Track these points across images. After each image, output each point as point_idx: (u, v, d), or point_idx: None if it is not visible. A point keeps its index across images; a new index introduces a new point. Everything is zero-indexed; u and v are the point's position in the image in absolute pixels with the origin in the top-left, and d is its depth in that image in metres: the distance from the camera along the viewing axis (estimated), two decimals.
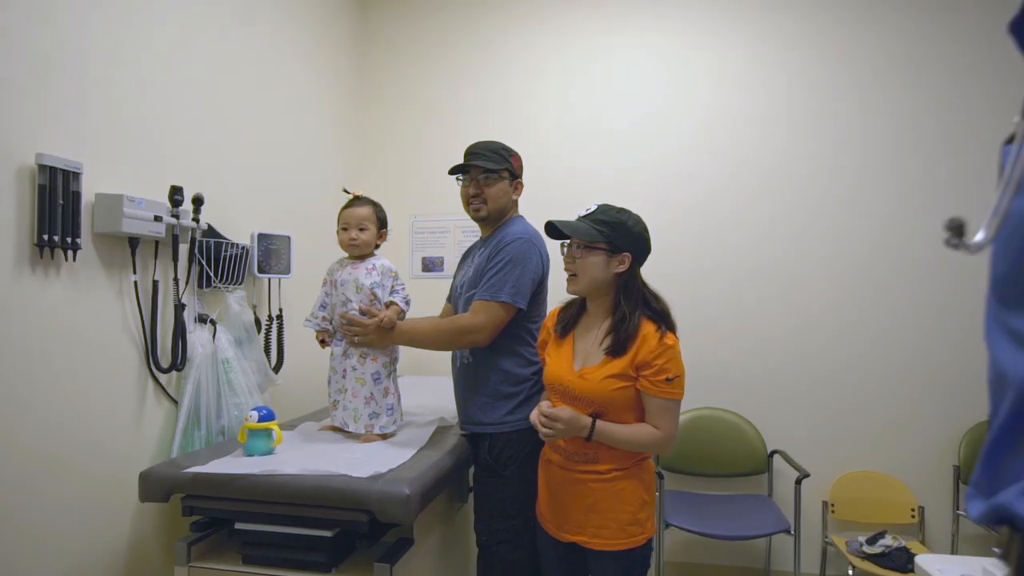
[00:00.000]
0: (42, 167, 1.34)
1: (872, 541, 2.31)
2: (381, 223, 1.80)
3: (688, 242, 2.71)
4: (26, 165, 1.33)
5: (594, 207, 1.53)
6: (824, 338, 2.60)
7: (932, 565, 1.33)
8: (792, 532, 2.22)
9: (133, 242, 1.59)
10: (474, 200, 1.78)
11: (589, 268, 1.49)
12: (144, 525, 1.64)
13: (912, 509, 2.47)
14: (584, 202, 2.73)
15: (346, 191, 1.81)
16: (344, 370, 1.75)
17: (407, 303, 1.81)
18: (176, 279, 1.73)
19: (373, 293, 1.74)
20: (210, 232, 1.85)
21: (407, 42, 2.99)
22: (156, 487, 1.43)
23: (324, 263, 1.85)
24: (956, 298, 2.48)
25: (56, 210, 1.37)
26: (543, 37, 2.85)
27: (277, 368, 2.16)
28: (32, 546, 1.34)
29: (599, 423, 1.45)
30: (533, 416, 1.49)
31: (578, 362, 1.53)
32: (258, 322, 2.11)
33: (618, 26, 2.79)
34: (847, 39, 2.60)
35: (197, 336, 1.80)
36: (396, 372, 1.82)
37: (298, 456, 1.51)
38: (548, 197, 2.75)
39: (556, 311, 1.66)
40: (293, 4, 2.42)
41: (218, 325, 1.87)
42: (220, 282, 1.87)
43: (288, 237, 2.17)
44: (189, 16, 1.83)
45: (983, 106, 2.47)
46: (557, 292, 1.77)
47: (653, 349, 1.44)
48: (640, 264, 1.54)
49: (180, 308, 1.73)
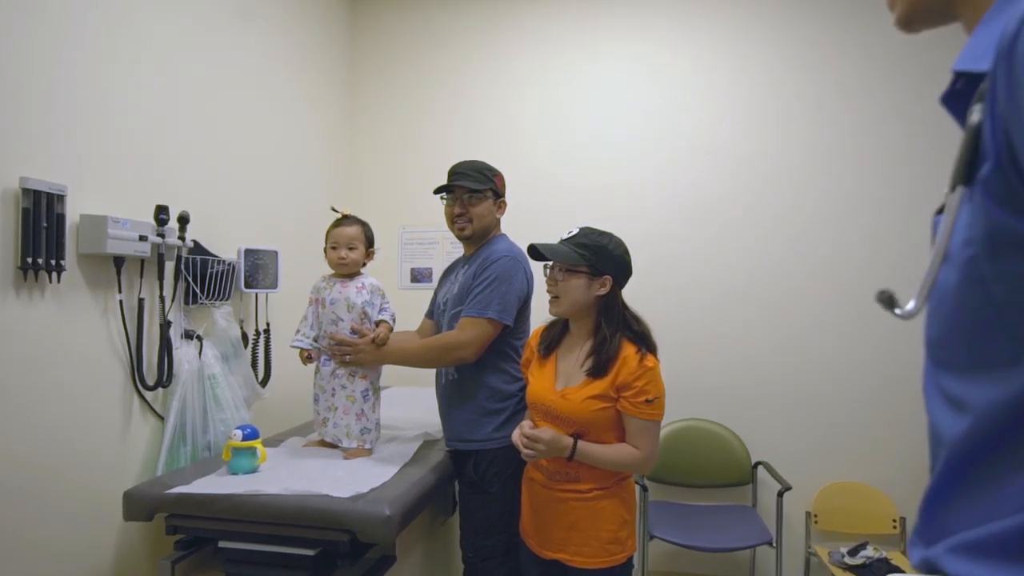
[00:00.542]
0: (26, 191, 1.35)
1: (854, 552, 2.34)
2: (369, 241, 1.83)
3: (676, 256, 2.73)
4: (10, 189, 1.34)
5: (576, 230, 1.55)
6: (809, 351, 2.63)
7: None
8: (774, 544, 2.24)
9: (118, 262, 1.60)
10: (459, 219, 1.81)
11: (571, 291, 1.52)
12: (129, 542, 1.65)
13: (894, 520, 2.50)
14: (571, 213, 2.78)
15: (334, 210, 1.82)
16: (333, 388, 1.77)
17: (394, 320, 1.83)
18: (162, 297, 1.74)
19: (364, 311, 1.76)
20: (197, 249, 1.86)
21: (396, 55, 3.00)
22: (140, 506, 1.44)
23: (311, 276, 1.86)
24: None
25: (40, 233, 1.38)
26: (532, 49, 2.87)
27: (264, 382, 2.17)
28: (17, 564, 1.35)
29: (580, 444, 1.47)
30: (515, 436, 1.51)
31: (560, 382, 1.56)
32: (245, 337, 2.12)
33: (606, 38, 2.81)
34: (840, 53, 2.63)
35: (183, 352, 1.81)
36: (379, 388, 1.85)
37: (281, 475, 1.52)
38: (535, 205, 2.79)
39: (540, 330, 1.68)
40: (281, 16, 2.43)
41: (204, 341, 1.88)
42: (206, 298, 1.88)
43: (275, 252, 2.19)
44: (174, 34, 1.84)
45: None
46: (540, 310, 1.80)
47: (633, 371, 1.46)
48: (621, 287, 1.56)
49: (166, 326, 1.74)
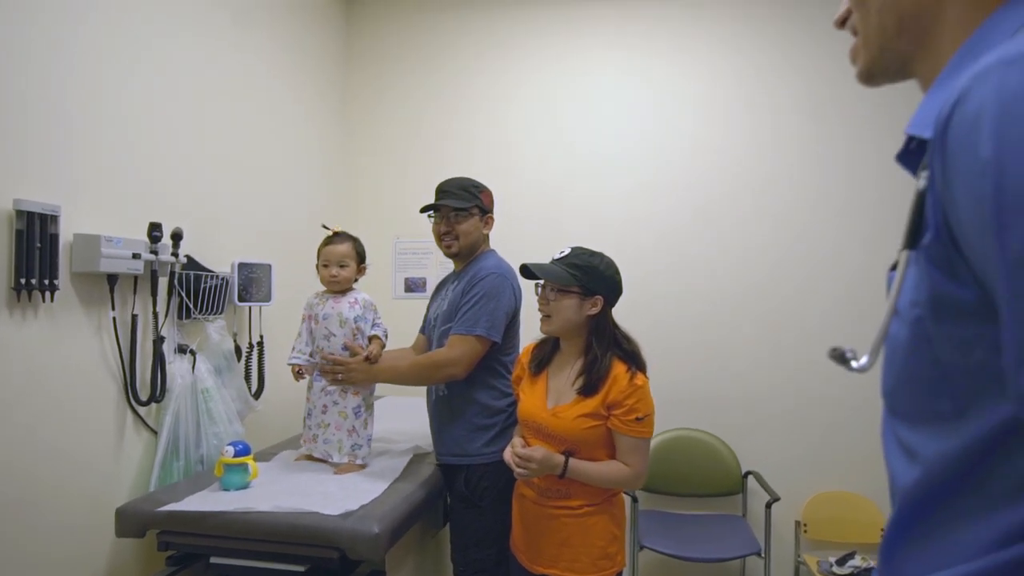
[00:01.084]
0: (19, 212, 1.37)
1: (842, 562, 2.36)
2: (361, 257, 1.85)
3: (667, 267, 2.75)
4: (3, 211, 1.35)
5: (568, 250, 1.58)
6: (800, 361, 2.65)
7: None
8: (762, 555, 2.27)
9: (112, 279, 1.61)
10: (445, 237, 1.83)
11: (563, 310, 1.54)
12: (121, 558, 1.67)
13: (882, 529, 2.52)
14: (564, 223, 2.81)
15: (325, 227, 1.84)
16: (325, 405, 1.79)
17: (386, 336, 1.86)
18: (155, 312, 1.76)
19: (357, 326, 1.78)
20: (190, 264, 1.88)
21: (391, 66, 3.02)
22: (132, 523, 1.46)
23: (305, 288, 1.88)
24: None
25: (33, 253, 1.39)
26: (525, 60, 2.89)
27: (258, 394, 2.19)
28: None
29: (572, 461, 1.50)
30: (507, 456, 1.54)
31: (551, 400, 1.58)
32: (239, 349, 2.14)
33: (600, 47, 2.83)
34: (831, 70, 2.66)
35: (177, 367, 1.83)
36: (374, 405, 1.87)
37: (273, 491, 1.54)
38: (529, 215, 2.81)
39: (531, 347, 1.71)
40: (275, 26, 2.45)
41: (198, 355, 1.90)
42: (200, 313, 1.90)
43: (269, 265, 2.20)
44: (167, 51, 1.85)
45: None
46: (530, 326, 1.82)
47: (624, 389, 1.49)
48: (611, 306, 1.58)
49: (159, 341, 1.76)
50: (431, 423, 1.90)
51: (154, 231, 1.71)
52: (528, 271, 1.58)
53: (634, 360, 1.56)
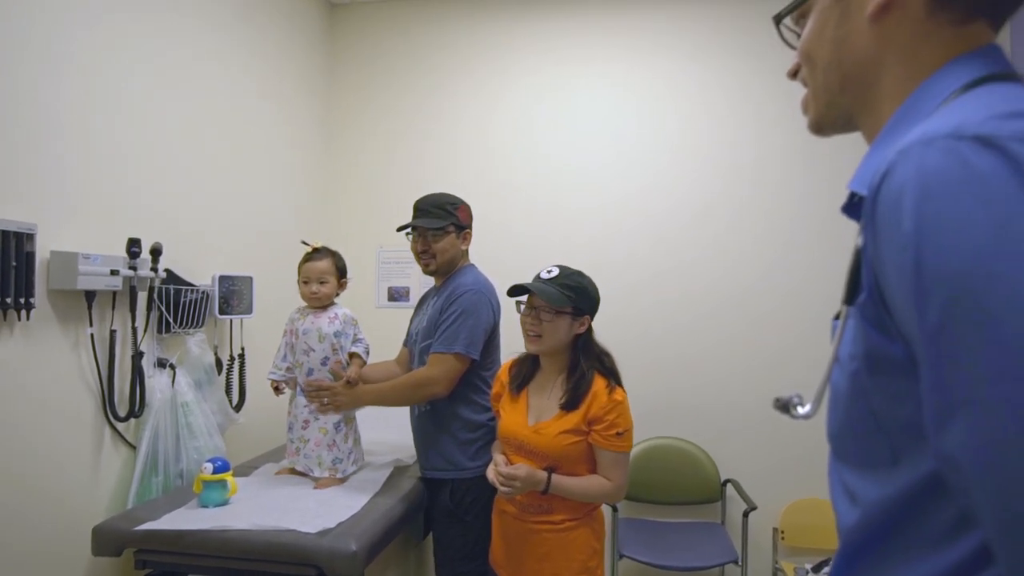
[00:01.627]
0: None
1: (818, 568, 2.40)
2: (341, 273, 1.86)
3: (649, 277, 2.78)
4: None
5: (556, 271, 1.60)
6: (779, 369, 2.69)
7: None
8: (739, 563, 2.30)
9: (89, 296, 1.61)
10: (423, 256, 1.86)
11: (556, 331, 1.57)
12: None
13: None
14: (546, 234, 2.83)
15: (305, 243, 1.85)
16: (306, 420, 1.80)
17: (367, 352, 1.87)
18: (134, 328, 1.76)
19: (336, 342, 1.79)
20: (170, 278, 1.88)
21: (374, 75, 3.02)
22: (109, 542, 1.46)
23: (287, 300, 1.88)
24: None
25: (9, 272, 1.39)
26: (508, 69, 2.91)
27: (239, 407, 2.19)
28: None
29: (554, 477, 1.53)
30: (490, 474, 1.56)
31: (532, 417, 1.61)
32: (219, 362, 2.13)
33: (582, 58, 2.86)
34: None
35: (156, 381, 1.82)
36: (355, 417, 1.88)
37: (251, 508, 1.55)
38: (511, 224, 2.83)
39: (509, 365, 1.73)
40: (256, 37, 2.44)
41: (178, 369, 1.90)
42: (180, 327, 1.90)
43: (250, 278, 2.20)
44: (146, 63, 1.84)
45: None
46: (509, 340, 1.84)
47: (604, 405, 1.53)
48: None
49: (138, 356, 1.76)
50: (415, 438, 1.92)
51: (133, 247, 1.70)
52: (522, 289, 1.59)
53: (613, 375, 1.60)
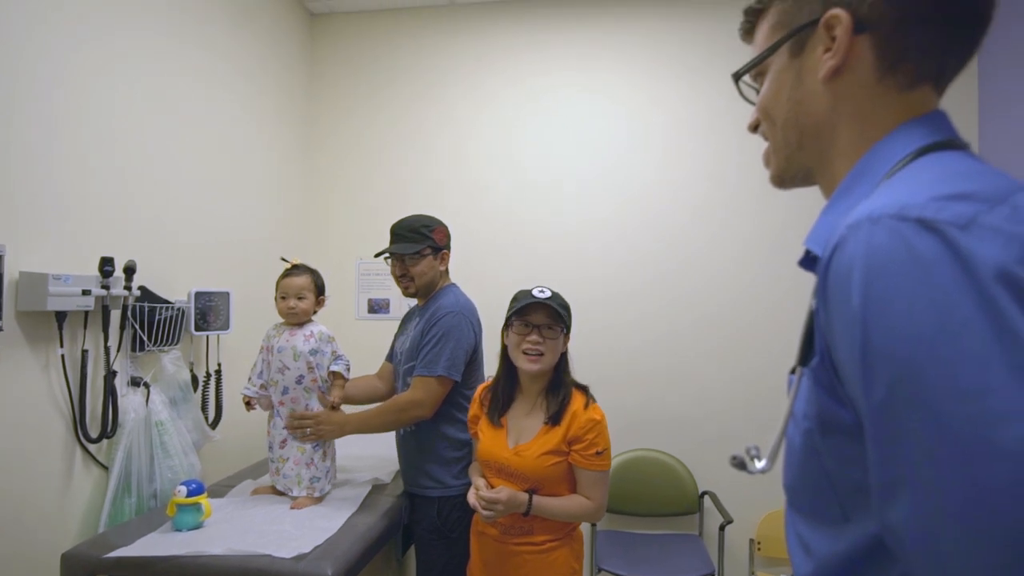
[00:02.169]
0: None
1: None
2: (319, 290, 1.85)
3: (627, 290, 2.81)
4: None
5: (549, 292, 1.61)
6: (757, 382, 2.72)
7: None
8: (717, 575, 2.33)
9: (60, 316, 1.58)
10: (402, 279, 1.89)
11: (556, 349, 1.60)
12: None
13: None
14: (526, 247, 2.84)
15: (284, 259, 1.84)
16: (284, 440, 1.79)
17: (348, 370, 1.86)
18: (107, 347, 1.73)
19: (311, 360, 1.78)
20: (145, 295, 1.85)
21: (353, 88, 3.01)
22: (79, 569, 1.43)
23: (267, 314, 1.87)
24: None
25: None
26: (486, 82, 2.92)
27: (215, 423, 2.17)
28: None
29: (536, 498, 1.54)
30: (471, 499, 1.56)
31: (512, 439, 1.62)
32: (195, 379, 2.11)
33: (558, 72, 2.87)
34: None
35: (130, 401, 1.80)
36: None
37: (226, 531, 1.53)
38: (491, 238, 2.84)
39: (484, 387, 1.73)
40: (233, 47, 2.42)
41: (152, 387, 1.87)
42: (154, 344, 1.87)
43: (227, 293, 2.18)
44: (117, 76, 1.81)
45: None
46: (492, 358, 1.84)
47: (583, 425, 1.55)
48: None
49: (111, 375, 1.73)
50: (400, 456, 1.95)
51: (106, 265, 1.68)
52: (531, 308, 1.58)
53: (586, 391, 1.63)
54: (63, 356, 1.61)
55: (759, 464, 0.57)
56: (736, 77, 0.68)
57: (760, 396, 2.72)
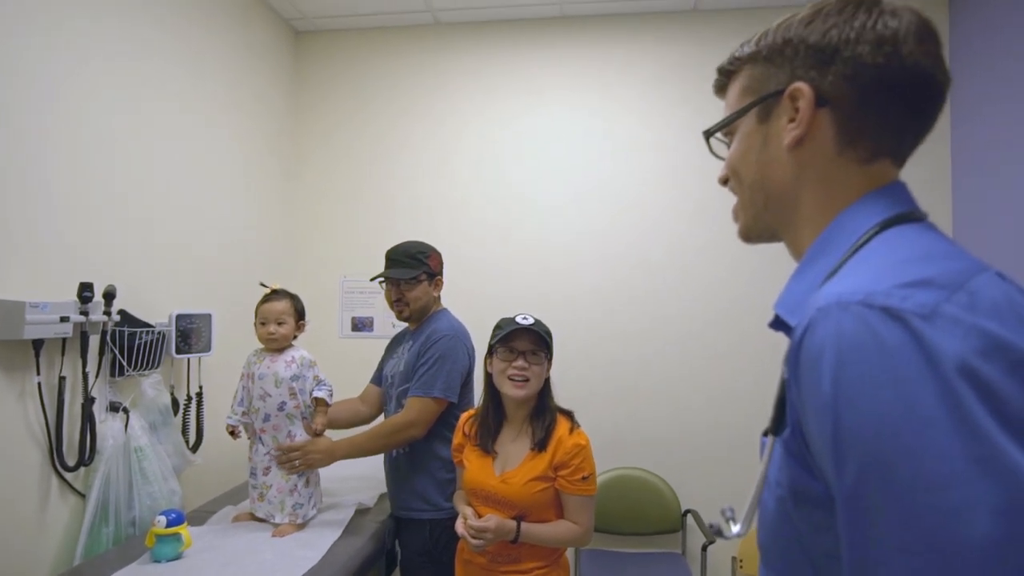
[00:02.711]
0: None
1: None
2: (299, 314, 1.84)
3: (610, 309, 2.83)
4: None
5: (531, 319, 1.63)
6: (740, 400, 2.75)
7: None
8: None
9: (37, 344, 1.56)
10: (397, 303, 1.92)
11: (541, 374, 1.63)
12: None
13: None
14: (511, 264, 2.85)
15: (263, 284, 1.83)
16: (268, 467, 1.78)
17: (331, 395, 1.85)
18: (85, 373, 1.71)
19: (293, 386, 1.77)
20: (125, 319, 1.83)
21: (338, 106, 3.01)
22: None
23: (250, 335, 1.85)
24: None
25: None
26: (470, 100, 2.93)
27: (196, 447, 2.14)
28: None
29: (524, 525, 1.54)
30: (459, 528, 1.56)
31: (498, 467, 1.62)
32: (176, 403, 2.09)
33: (545, 90, 2.90)
34: None
35: (108, 427, 1.77)
36: None
37: (205, 562, 1.52)
38: (477, 255, 2.84)
39: (468, 416, 1.73)
40: (216, 69, 2.41)
41: (132, 412, 1.85)
42: (134, 369, 1.85)
43: (209, 315, 2.16)
44: (96, 96, 1.79)
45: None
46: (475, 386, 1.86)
47: (569, 450, 1.56)
48: None
49: (89, 402, 1.71)
50: (388, 478, 1.94)
51: (85, 291, 1.66)
52: (515, 335, 1.59)
53: (571, 416, 1.65)
54: (39, 384, 1.59)
55: (735, 528, 0.59)
56: (707, 135, 0.70)
57: (742, 413, 2.75)
